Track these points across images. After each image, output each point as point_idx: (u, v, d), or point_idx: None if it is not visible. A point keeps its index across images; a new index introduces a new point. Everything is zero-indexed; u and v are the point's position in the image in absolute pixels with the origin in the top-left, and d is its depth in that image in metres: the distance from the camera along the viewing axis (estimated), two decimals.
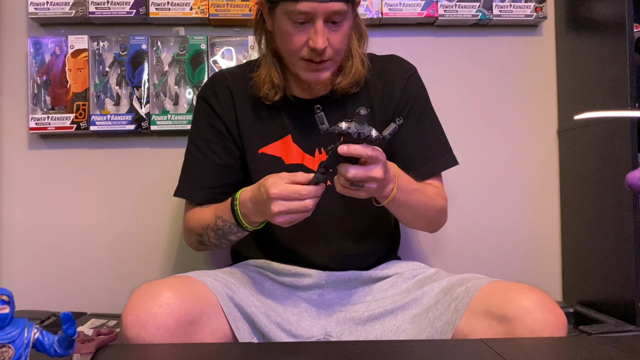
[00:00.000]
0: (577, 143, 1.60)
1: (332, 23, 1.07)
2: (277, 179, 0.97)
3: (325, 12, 1.05)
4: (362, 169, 0.92)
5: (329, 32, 1.07)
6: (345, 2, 1.06)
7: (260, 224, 1.09)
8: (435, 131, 1.24)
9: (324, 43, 1.06)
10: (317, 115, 0.91)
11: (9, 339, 0.63)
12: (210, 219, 1.14)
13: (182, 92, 1.58)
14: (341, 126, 0.89)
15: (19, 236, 1.59)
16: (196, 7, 1.55)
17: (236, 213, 1.07)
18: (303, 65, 1.11)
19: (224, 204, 1.10)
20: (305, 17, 1.06)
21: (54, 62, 1.55)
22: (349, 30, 1.12)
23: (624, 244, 1.37)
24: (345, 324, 1.11)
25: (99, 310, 1.51)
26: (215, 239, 1.15)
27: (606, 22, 1.46)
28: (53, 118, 1.54)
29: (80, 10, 1.53)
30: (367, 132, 0.89)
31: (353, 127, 0.89)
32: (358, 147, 0.91)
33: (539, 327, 0.91)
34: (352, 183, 0.94)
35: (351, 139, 0.90)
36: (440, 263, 1.61)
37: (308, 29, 1.07)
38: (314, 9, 1.04)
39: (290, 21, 1.07)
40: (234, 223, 1.09)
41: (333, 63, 1.12)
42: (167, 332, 0.91)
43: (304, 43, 1.08)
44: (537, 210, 1.67)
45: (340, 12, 1.06)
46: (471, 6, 1.60)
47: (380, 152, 0.94)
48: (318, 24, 1.06)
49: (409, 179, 1.08)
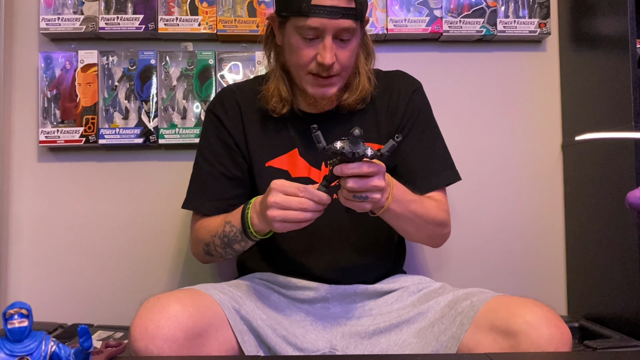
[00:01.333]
0: (581, 158, 1.61)
1: (341, 40, 1.09)
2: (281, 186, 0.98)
3: (334, 29, 1.07)
4: (361, 180, 0.93)
5: (337, 48, 1.09)
6: (354, 20, 1.08)
7: (266, 234, 1.09)
8: (438, 146, 1.25)
9: (331, 59, 1.08)
10: (313, 135, 0.92)
11: (28, 352, 0.64)
12: (219, 225, 1.15)
13: (190, 107, 1.60)
14: (336, 146, 0.91)
15: (27, 248, 1.60)
16: (204, 23, 1.57)
17: (246, 216, 1.07)
18: (310, 79, 1.13)
19: (237, 210, 1.11)
20: (315, 32, 1.08)
21: (64, 77, 1.58)
22: (357, 47, 1.14)
23: (628, 259, 1.37)
24: (350, 337, 1.11)
25: (105, 322, 1.52)
26: (221, 247, 1.16)
27: (609, 38, 1.47)
28: (62, 131, 1.56)
29: (90, 26, 1.56)
30: (362, 152, 0.91)
31: (347, 146, 0.90)
32: (352, 166, 0.92)
33: (544, 342, 0.91)
34: (355, 195, 0.95)
35: (346, 158, 0.92)
36: (445, 277, 1.61)
37: (317, 45, 1.09)
38: (324, 25, 1.06)
39: (299, 36, 1.09)
40: (240, 230, 1.09)
41: (340, 79, 1.14)
42: (175, 344, 0.91)
43: (312, 58, 1.10)
44: (542, 225, 1.68)
45: (349, 30, 1.08)
46: (475, 22, 1.62)
47: (380, 164, 0.95)
48: (327, 40, 1.08)
49: (405, 189, 1.08)
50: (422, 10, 1.62)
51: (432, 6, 1.62)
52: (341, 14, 1.06)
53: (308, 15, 1.06)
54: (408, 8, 1.62)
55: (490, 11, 1.63)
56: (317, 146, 0.93)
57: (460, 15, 1.62)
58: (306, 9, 1.06)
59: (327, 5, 1.06)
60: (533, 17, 1.64)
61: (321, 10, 1.06)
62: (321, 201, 0.97)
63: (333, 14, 1.06)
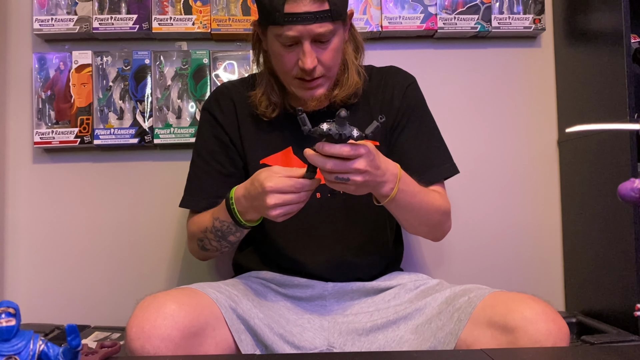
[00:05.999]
0: (577, 153, 1.61)
1: (320, 42, 1.10)
2: (271, 172, 0.99)
3: (310, 35, 1.08)
4: (340, 162, 0.94)
5: (317, 50, 1.10)
6: (331, 22, 1.08)
7: (257, 221, 1.10)
8: (435, 140, 1.25)
9: (312, 63, 1.09)
10: (299, 117, 0.93)
11: (15, 351, 0.64)
12: (209, 221, 1.15)
13: (185, 106, 1.59)
14: (322, 127, 0.92)
15: (23, 250, 1.60)
16: (198, 22, 1.57)
17: (233, 211, 1.08)
18: (297, 83, 1.14)
19: (220, 205, 1.12)
20: (292, 40, 1.09)
21: (58, 77, 1.57)
22: (339, 45, 1.14)
23: (626, 254, 1.37)
24: (348, 334, 1.11)
25: (102, 323, 1.51)
26: (216, 241, 1.16)
27: (604, 33, 1.47)
28: (57, 132, 1.56)
29: (84, 26, 1.55)
30: (349, 133, 0.92)
31: (334, 128, 0.91)
32: (334, 146, 0.93)
33: (542, 338, 0.91)
34: (337, 176, 0.95)
35: (332, 139, 0.92)
36: (442, 274, 1.61)
37: (297, 50, 1.10)
38: (300, 32, 1.07)
39: (279, 43, 1.10)
40: (232, 222, 1.10)
41: (326, 79, 1.15)
42: (172, 343, 0.91)
43: (294, 63, 1.11)
44: (539, 221, 1.68)
45: (325, 34, 1.08)
46: (470, 18, 1.62)
47: (363, 147, 0.95)
48: (305, 46, 1.08)
49: (411, 180, 1.08)
50: (417, 7, 1.62)
51: (427, 3, 1.62)
52: (315, 18, 1.06)
53: (283, 24, 1.06)
54: (402, 5, 1.62)
55: (484, 7, 1.63)
56: (303, 129, 0.93)
57: (454, 12, 1.62)
58: (280, 18, 1.06)
59: (300, 12, 1.05)
60: (527, 13, 1.64)
61: (294, 18, 1.06)
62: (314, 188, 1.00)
63: (307, 20, 1.06)
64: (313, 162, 0.95)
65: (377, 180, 0.99)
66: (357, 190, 1.00)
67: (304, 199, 0.99)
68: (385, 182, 1.01)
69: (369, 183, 0.98)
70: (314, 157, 0.95)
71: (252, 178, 1.02)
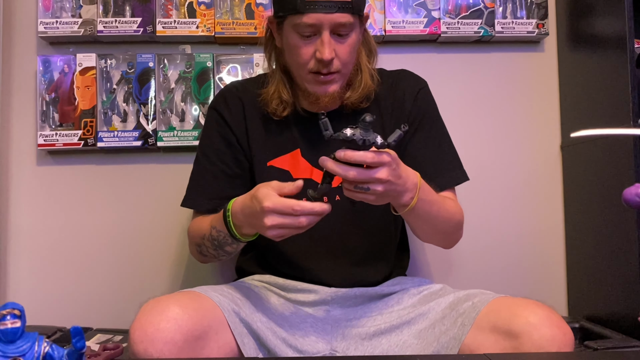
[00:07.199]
0: (580, 158, 1.61)
1: (339, 35, 1.09)
2: (269, 189, 0.96)
3: (331, 24, 1.07)
4: (363, 171, 0.91)
5: (335, 43, 1.09)
6: (351, 14, 1.08)
7: (253, 236, 1.07)
8: (445, 145, 1.24)
9: (330, 54, 1.08)
10: (321, 121, 0.89)
11: (20, 352, 0.64)
12: (207, 228, 1.13)
13: (189, 109, 1.59)
14: (346, 132, 0.87)
15: (26, 252, 1.60)
16: (202, 26, 1.57)
17: (229, 224, 1.06)
18: (311, 78, 1.12)
19: (218, 215, 1.09)
20: (312, 29, 1.08)
21: (62, 80, 1.58)
22: (356, 42, 1.14)
23: (629, 259, 1.37)
24: (351, 339, 1.11)
25: (105, 326, 1.51)
26: (213, 249, 1.15)
27: (607, 38, 1.47)
28: (61, 135, 1.56)
29: (88, 29, 1.55)
30: (372, 139, 0.87)
31: (358, 133, 0.87)
32: (357, 153, 0.89)
33: (546, 343, 0.91)
34: (357, 185, 0.92)
35: (356, 145, 0.88)
36: (445, 279, 1.61)
37: (315, 41, 1.09)
38: (320, 20, 1.06)
39: (297, 34, 1.09)
40: (228, 234, 1.08)
41: (341, 76, 1.14)
42: (175, 347, 0.91)
43: (311, 55, 1.10)
44: (542, 226, 1.68)
45: (345, 25, 1.08)
46: (473, 23, 1.62)
47: (387, 155, 0.92)
48: (324, 35, 1.07)
49: (429, 189, 1.06)
50: (420, 12, 1.62)
51: (430, 7, 1.62)
52: (337, 7, 1.06)
53: (304, 12, 1.06)
54: (406, 9, 1.62)
55: (488, 12, 1.63)
56: (325, 134, 0.89)
57: (458, 16, 1.62)
58: (301, 5, 1.06)
59: (322, 1, 1.05)
60: (531, 17, 1.64)
61: (316, 5, 1.05)
62: (318, 213, 0.94)
63: (328, 8, 1.06)
64: (333, 171, 0.90)
65: (398, 189, 0.96)
66: (377, 200, 0.96)
67: (304, 224, 0.94)
68: (405, 192, 0.98)
69: (389, 193, 0.95)
70: (334, 165, 0.90)
71: (251, 194, 0.99)
